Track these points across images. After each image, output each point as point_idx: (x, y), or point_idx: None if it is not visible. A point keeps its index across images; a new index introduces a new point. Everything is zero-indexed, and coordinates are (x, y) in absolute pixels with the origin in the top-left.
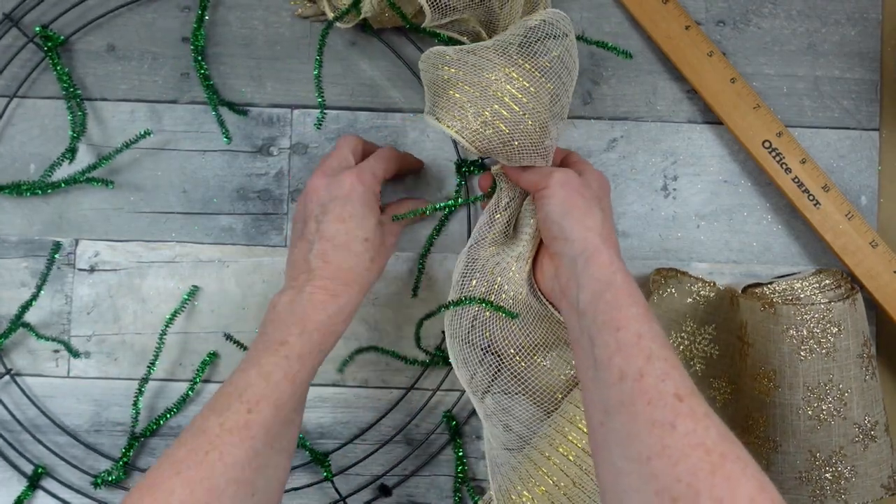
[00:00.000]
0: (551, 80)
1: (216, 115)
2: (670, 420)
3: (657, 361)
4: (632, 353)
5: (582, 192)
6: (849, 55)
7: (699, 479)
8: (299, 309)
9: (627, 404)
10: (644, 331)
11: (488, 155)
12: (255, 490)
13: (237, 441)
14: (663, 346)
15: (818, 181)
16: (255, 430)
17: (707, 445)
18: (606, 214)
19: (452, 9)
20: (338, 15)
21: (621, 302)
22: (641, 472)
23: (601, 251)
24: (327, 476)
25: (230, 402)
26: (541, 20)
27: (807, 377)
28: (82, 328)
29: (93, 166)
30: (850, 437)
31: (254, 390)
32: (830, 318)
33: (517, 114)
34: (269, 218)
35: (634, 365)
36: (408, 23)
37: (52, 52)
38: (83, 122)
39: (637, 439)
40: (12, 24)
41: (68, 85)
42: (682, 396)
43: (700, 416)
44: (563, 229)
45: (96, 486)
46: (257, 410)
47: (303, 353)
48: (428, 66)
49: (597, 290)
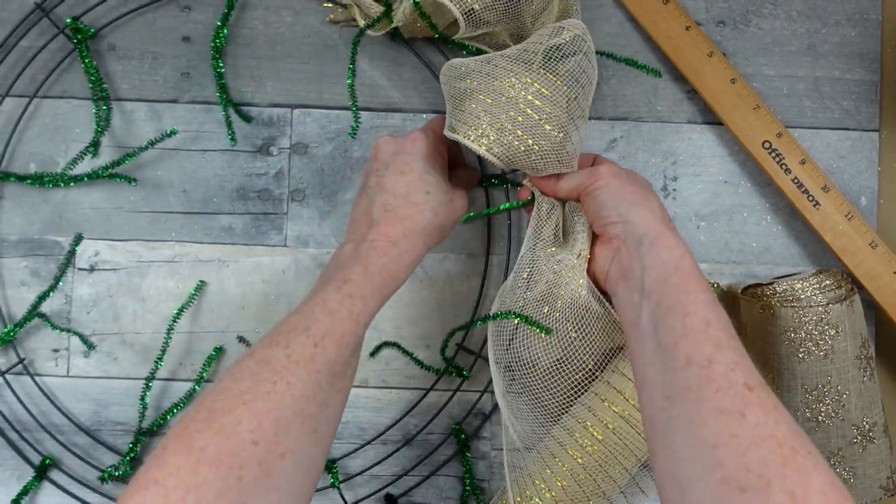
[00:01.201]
0: (568, 84)
1: (225, 115)
2: (740, 409)
3: (726, 350)
4: (700, 339)
5: (634, 180)
6: (849, 56)
7: (770, 469)
8: (362, 253)
9: (694, 390)
10: (712, 318)
11: (512, 166)
12: (317, 426)
13: (303, 374)
14: (732, 336)
15: (818, 182)
16: (321, 364)
17: (778, 438)
18: (660, 203)
19: (486, 22)
20: (369, 23)
21: (689, 286)
22: (706, 459)
23: (666, 234)
24: (334, 483)
25: (296, 335)
26: (563, 41)
27: (805, 379)
28: (82, 327)
29: (116, 162)
30: (848, 438)
31: (319, 325)
32: (828, 320)
33: (534, 119)
34: (269, 218)
35: (702, 352)
36: (438, 33)
37: (82, 45)
38: (108, 116)
39: (703, 426)
40: (44, 14)
41: (96, 79)
42: (751, 387)
43: (770, 407)
44: (622, 213)
45: (104, 481)
46: (322, 345)
47: (365, 294)
48: (447, 78)
49: (663, 273)
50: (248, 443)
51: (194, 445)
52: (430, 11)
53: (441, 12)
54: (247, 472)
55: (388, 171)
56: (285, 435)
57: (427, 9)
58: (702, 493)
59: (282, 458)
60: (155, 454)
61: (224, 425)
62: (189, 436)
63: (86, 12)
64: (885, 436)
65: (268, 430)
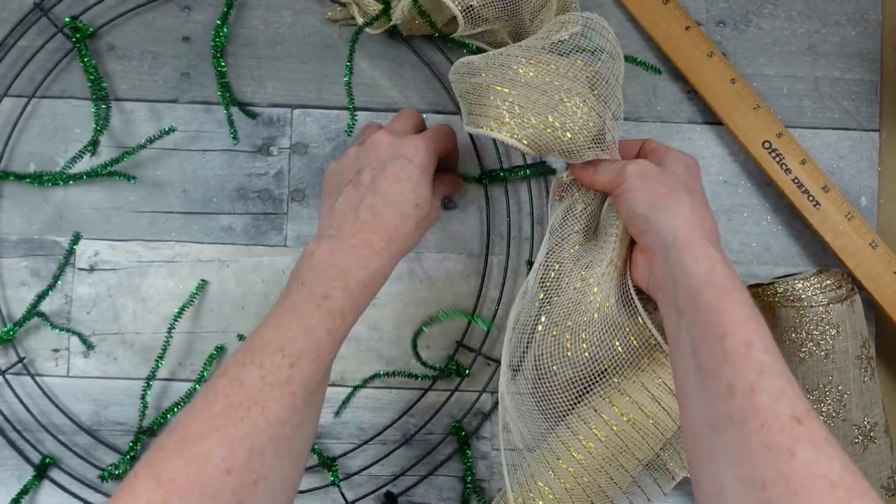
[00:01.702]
0: (586, 61)
1: (227, 114)
2: (788, 446)
3: (771, 377)
4: (741, 365)
5: (662, 181)
6: (849, 56)
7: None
8: (342, 262)
9: (738, 423)
10: (753, 339)
11: (544, 152)
12: (291, 448)
13: (278, 396)
14: (776, 358)
15: (818, 182)
16: (296, 386)
17: (832, 478)
18: (697, 197)
19: (485, 20)
20: (367, 21)
21: (724, 304)
22: (754, 497)
23: (694, 242)
24: (334, 481)
25: (270, 354)
26: (571, 33)
27: (806, 379)
28: (82, 327)
29: (115, 160)
30: (849, 438)
31: (296, 344)
32: (829, 320)
33: (555, 98)
34: (269, 218)
35: (745, 379)
36: (437, 31)
37: (80, 44)
38: (107, 115)
39: (750, 462)
40: (42, 13)
41: (95, 78)
42: (800, 419)
43: (821, 442)
44: (649, 221)
45: (104, 480)
46: (299, 366)
47: (344, 310)
48: (458, 77)
49: (694, 289)
50: (220, 472)
51: (164, 476)
52: (428, 9)
53: (440, 10)
54: (219, 501)
55: (385, 173)
56: (259, 461)
57: (426, 6)
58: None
59: (255, 485)
60: (124, 483)
61: (195, 455)
62: (159, 465)
63: (84, 11)
64: (886, 436)
65: (241, 458)
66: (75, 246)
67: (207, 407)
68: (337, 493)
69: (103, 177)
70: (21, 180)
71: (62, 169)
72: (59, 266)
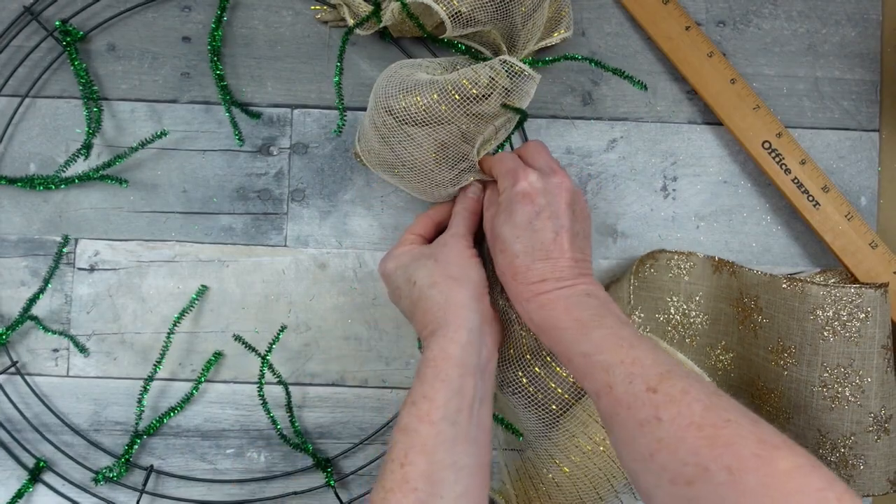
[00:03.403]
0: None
1: (229, 115)
2: (654, 415)
3: (617, 368)
4: (590, 374)
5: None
6: (849, 56)
7: (702, 456)
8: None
9: (613, 415)
10: (588, 349)
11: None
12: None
13: (400, 497)
14: (615, 350)
15: (818, 182)
16: (414, 482)
17: (696, 422)
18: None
19: (475, 22)
20: (358, 22)
21: (554, 333)
22: (651, 468)
23: (508, 285)
24: (329, 482)
25: (385, 466)
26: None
27: (827, 357)
28: (82, 327)
29: (107, 164)
30: (864, 425)
31: (398, 447)
32: (858, 304)
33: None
34: (269, 218)
35: (599, 382)
36: (426, 34)
37: (70, 48)
38: (99, 118)
39: (635, 442)
40: (32, 17)
41: (86, 81)
42: (654, 388)
43: (679, 397)
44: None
45: (97, 483)
46: (409, 462)
47: (426, 393)
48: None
49: (534, 330)
50: None
51: None
52: (418, 12)
53: (429, 13)
54: None
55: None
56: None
57: (415, 9)
58: (662, 497)
59: None
60: None
61: None
62: None
63: (76, 14)
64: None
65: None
66: (64, 248)
67: None
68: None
69: (95, 180)
70: (13, 184)
71: (56, 171)
72: (48, 269)
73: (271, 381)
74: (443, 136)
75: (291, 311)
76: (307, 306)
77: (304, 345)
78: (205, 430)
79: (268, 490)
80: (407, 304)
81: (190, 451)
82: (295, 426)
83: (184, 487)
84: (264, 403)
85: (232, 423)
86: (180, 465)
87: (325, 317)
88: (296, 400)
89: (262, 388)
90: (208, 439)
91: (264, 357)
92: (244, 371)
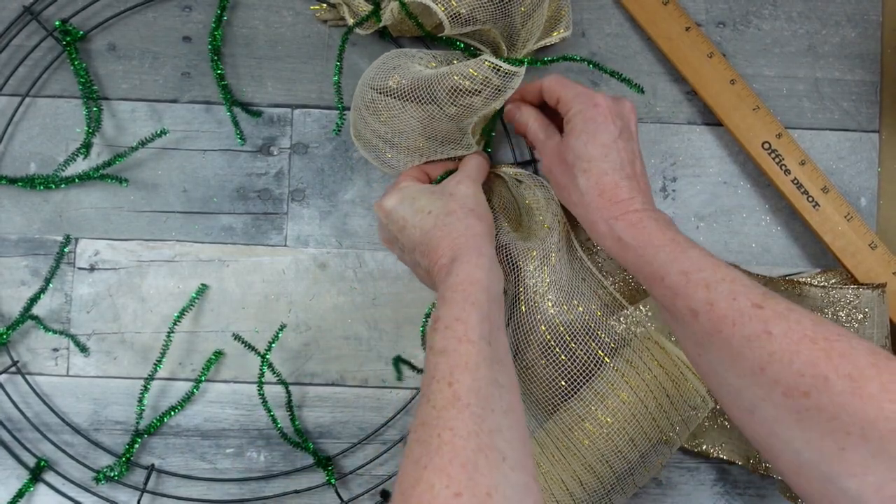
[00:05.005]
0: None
1: (231, 115)
2: (763, 329)
3: (719, 286)
4: (688, 292)
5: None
6: (849, 57)
7: (820, 366)
8: (438, 285)
9: (715, 333)
10: (687, 266)
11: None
12: (504, 454)
13: (456, 414)
14: (714, 268)
15: (817, 183)
16: (465, 398)
17: (809, 335)
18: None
19: (474, 21)
20: (357, 21)
21: (648, 251)
22: (761, 382)
23: (592, 206)
24: (330, 481)
25: (428, 387)
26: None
27: None
28: (82, 327)
29: (107, 163)
30: None
31: (440, 368)
32: (856, 305)
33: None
34: (269, 217)
35: (698, 300)
36: (426, 33)
37: (70, 47)
38: (98, 118)
39: (742, 358)
40: (32, 17)
41: (86, 80)
42: (760, 304)
43: (785, 313)
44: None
45: (98, 482)
46: (456, 380)
47: (457, 315)
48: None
49: (616, 250)
50: (450, 497)
51: None
52: (417, 11)
53: (429, 12)
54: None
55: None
56: (478, 475)
57: (415, 9)
58: (770, 411)
59: (489, 497)
60: None
61: (420, 495)
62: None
63: (76, 13)
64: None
65: (460, 479)
66: (66, 248)
67: (409, 457)
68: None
69: (95, 180)
70: (13, 184)
71: (55, 171)
72: (50, 268)
73: (271, 380)
74: (428, 112)
75: (291, 310)
76: (307, 306)
77: (304, 344)
78: (205, 429)
79: (268, 489)
80: (416, 235)
81: (190, 451)
82: (295, 425)
83: (184, 487)
84: (264, 403)
85: (232, 422)
86: (180, 464)
87: (325, 317)
88: (296, 400)
89: (262, 388)
90: (208, 439)
91: (264, 356)
92: (244, 371)
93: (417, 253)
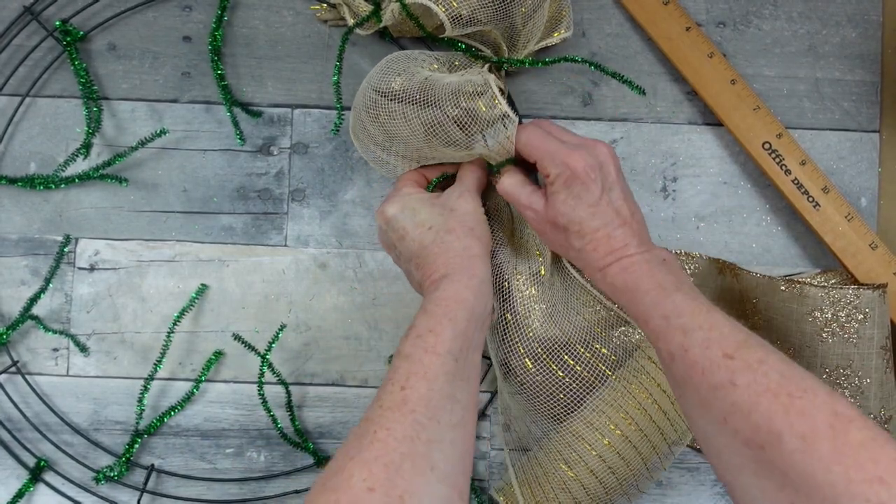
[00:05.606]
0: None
1: (231, 115)
2: (728, 379)
3: (695, 333)
4: (667, 336)
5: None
6: (849, 57)
7: (776, 422)
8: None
9: (686, 378)
10: (669, 310)
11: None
12: (433, 464)
13: (399, 417)
14: (693, 315)
15: (818, 183)
16: (414, 404)
17: (772, 389)
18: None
19: (476, 22)
20: (358, 21)
21: (636, 296)
22: (725, 431)
23: (586, 258)
24: None
25: (382, 388)
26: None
27: (826, 359)
28: (82, 327)
29: (107, 163)
30: None
31: (399, 371)
32: (857, 305)
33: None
34: (270, 217)
35: (675, 345)
36: (426, 34)
37: (70, 48)
38: (98, 118)
39: (709, 405)
40: (32, 17)
41: (86, 80)
42: (731, 355)
43: (755, 365)
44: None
45: (98, 482)
46: (409, 386)
47: (432, 327)
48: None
49: (610, 293)
50: (363, 491)
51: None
52: (418, 12)
53: (430, 12)
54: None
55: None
56: (398, 477)
57: (415, 10)
58: (733, 456)
59: (401, 500)
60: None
61: (337, 483)
62: (310, 501)
63: (76, 13)
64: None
65: (379, 476)
66: (66, 248)
67: (342, 447)
68: None
69: (95, 180)
70: (13, 184)
71: (56, 171)
72: (49, 268)
73: (271, 380)
74: (431, 117)
75: (291, 310)
76: (307, 306)
77: (304, 344)
78: (205, 429)
79: (268, 489)
80: (413, 247)
81: (190, 451)
82: (296, 425)
83: (184, 487)
84: (264, 403)
85: (232, 422)
86: (180, 464)
87: (325, 317)
88: (296, 400)
89: (262, 388)
90: (208, 439)
91: (264, 356)
92: (244, 371)
93: (413, 264)
